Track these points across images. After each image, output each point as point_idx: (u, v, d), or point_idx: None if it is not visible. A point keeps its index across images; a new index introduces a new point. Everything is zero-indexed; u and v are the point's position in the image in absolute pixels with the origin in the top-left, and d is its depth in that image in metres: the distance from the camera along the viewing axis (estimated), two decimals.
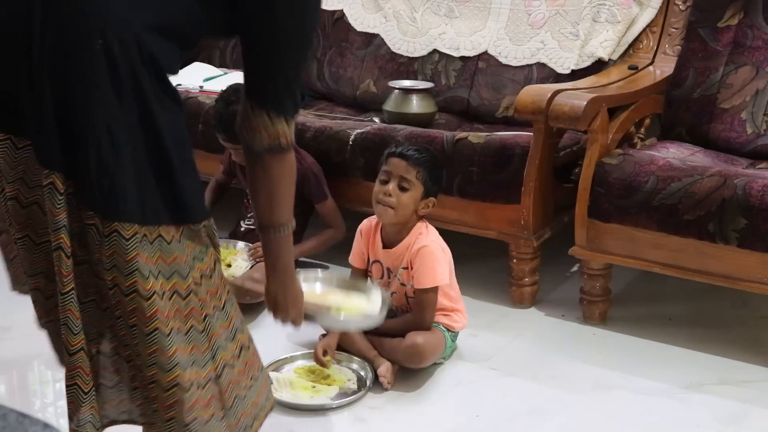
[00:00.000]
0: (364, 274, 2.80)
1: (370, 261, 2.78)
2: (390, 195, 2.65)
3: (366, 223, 2.80)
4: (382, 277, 2.75)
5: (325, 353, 2.63)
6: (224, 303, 1.70)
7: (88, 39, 1.52)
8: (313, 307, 2.21)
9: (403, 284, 2.71)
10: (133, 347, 1.63)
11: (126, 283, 1.58)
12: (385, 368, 2.61)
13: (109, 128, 1.55)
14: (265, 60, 1.69)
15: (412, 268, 2.67)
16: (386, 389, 2.59)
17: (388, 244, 2.73)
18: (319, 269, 2.71)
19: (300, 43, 1.71)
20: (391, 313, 2.79)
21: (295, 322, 2.07)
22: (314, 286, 2.41)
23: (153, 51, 1.55)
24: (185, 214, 1.63)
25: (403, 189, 2.65)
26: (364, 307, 2.39)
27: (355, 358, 2.67)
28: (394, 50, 3.79)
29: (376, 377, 2.61)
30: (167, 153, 1.58)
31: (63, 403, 1.69)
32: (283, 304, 1.99)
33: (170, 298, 1.62)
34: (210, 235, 1.68)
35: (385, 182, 2.68)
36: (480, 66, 3.63)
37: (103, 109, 1.54)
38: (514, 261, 3.07)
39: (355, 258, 2.82)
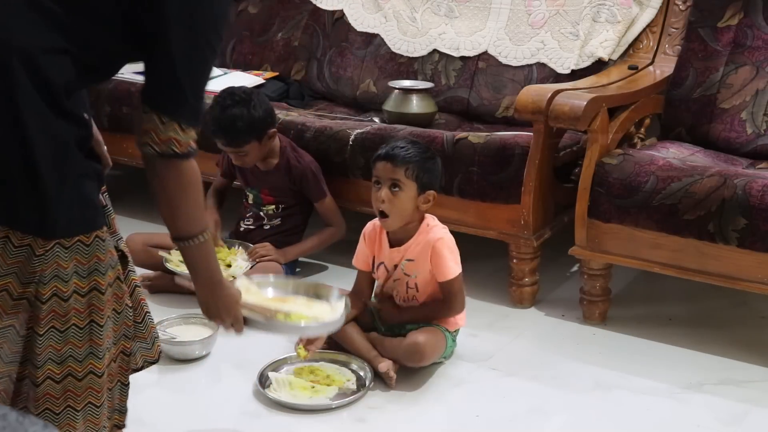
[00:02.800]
0: (369, 277, 2.79)
1: (376, 264, 2.76)
2: (383, 201, 2.62)
3: (370, 227, 2.77)
4: (387, 280, 2.74)
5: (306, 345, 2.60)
6: (72, 325, 1.65)
7: None
8: (259, 312, 2.08)
9: (407, 274, 2.69)
10: None
11: None
12: (386, 365, 2.60)
13: None
14: (160, 62, 1.66)
15: (431, 263, 2.64)
16: (391, 382, 2.59)
17: (395, 243, 2.71)
18: (271, 275, 2.60)
19: (195, 49, 1.66)
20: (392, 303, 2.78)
21: (235, 328, 2.01)
22: (266, 291, 2.25)
23: (42, 69, 1.53)
24: (53, 229, 1.60)
25: (395, 191, 2.63)
26: (322, 314, 2.22)
27: (354, 357, 2.67)
28: (394, 50, 3.79)
29: (375, 377, 2.60)
30: (35, 164, 1.56)
31: None
32: (215, 311, 1.95)
33: (20, 300, 1.62)
34: (102, 254, 1.64)
35: (378, 188, 2.65)
36: (480, 66, 3.63)
37: None
38: (514, 261, 3.07)
39: (359, 261, 2.79)
